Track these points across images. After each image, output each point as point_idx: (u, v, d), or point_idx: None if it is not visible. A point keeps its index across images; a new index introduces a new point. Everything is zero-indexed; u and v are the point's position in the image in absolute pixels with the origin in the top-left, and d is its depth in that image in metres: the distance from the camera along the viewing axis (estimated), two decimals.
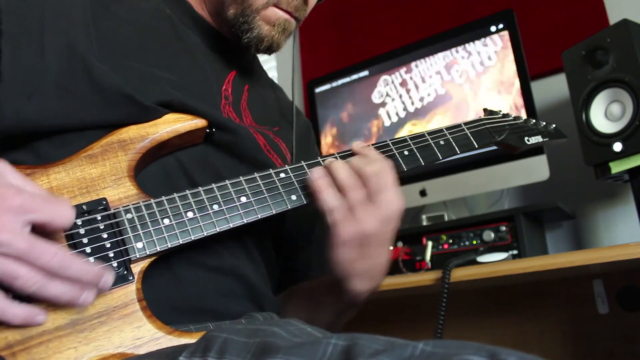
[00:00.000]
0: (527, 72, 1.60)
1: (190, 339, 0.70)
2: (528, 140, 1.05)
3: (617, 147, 1.30)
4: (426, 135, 0.97)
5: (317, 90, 2.00)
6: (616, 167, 1.31)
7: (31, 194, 0.63)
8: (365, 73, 1.90)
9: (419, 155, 0.94)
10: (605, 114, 1.36)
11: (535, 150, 1.53)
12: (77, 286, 0.64)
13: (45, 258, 0.61)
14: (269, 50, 0.99)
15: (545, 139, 1.08)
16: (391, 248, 0.86)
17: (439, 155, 0.95)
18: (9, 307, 0.62)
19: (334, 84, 1.96)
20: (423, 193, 1.69)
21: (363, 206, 0.80)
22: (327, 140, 1.94)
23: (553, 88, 1.79)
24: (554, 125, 1.13)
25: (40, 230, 0.63)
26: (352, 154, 0.89)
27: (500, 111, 1.10)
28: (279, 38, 0.98)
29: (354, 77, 1.92)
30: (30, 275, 0.60)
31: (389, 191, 0.82)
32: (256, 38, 0.95)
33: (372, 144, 0.92)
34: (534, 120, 1.11)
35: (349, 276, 0.84)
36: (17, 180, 0.65)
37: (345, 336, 0.58)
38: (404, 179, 1.72)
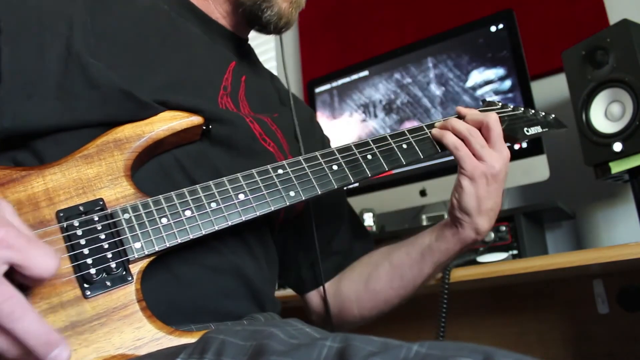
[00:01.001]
0: (527, 72, 1.60)
1: (191, 339, 0.70)
2: (527, 131, 1.05)
3: (617, 147, 1.29)
4: (425, 128, 0.97)
5: (317, 90, 2.00)
6: (616, 167, 1.31)
7: (18, 232, 0.57)
8: (365, 73, 1.90)
9: (417, 149, 0.94)
10: (605, 114, 1.35)
11: (535, 150, 1.53)
12: (21, 349, 0.55)
13: None
14: (286, 26, 1.03)
15: (545, 129, 1.08)
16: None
17: (438, 148, 0.97)
18: None
19: (334, 84, 1.96)
20: (423, 193, 1.69)
21: (486, 149, 0.93)
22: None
23: (553, 88, 1.79)
24: (553, 115, 1.13)
25: (22, 277, 0.57)
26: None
27: (499, 102, 1.09)
28: (294, 15, 1.04)
29: (354, 77, 1.92)
30: None
31: (502, 138, 0.95)
32: (276, 15, 1.00)
33: (372, 139, 0.94)
34: (533, 111, 1.11)
35: (476, 213, 0.94)
36: (13, 219, 0.60)
37: (340, 338, 0.58)
38: (404, 179, 1.73)
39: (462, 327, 1.66)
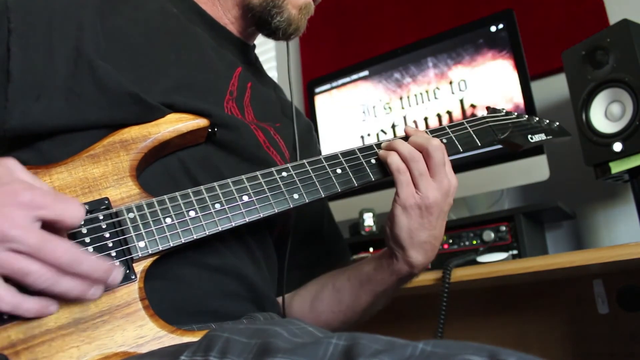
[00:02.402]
0: (527, 72, 1.60)
1: (192, 338, 0.70)
2: (531, 138, 1.04)
3: (617, 147, 1.30)
4: (429, 134, 0.97)
5: (317, 90, 2.00)
6: (616, 167, 1.31)
7: (42, 191, 0.63)
8: (365, 73, 1.90)
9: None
10: (605, 114, 1.36)
11: (536, 150, 1.53)
12: (87, 282, 0.64)
13: (56, 254, 0.61)
14: (295, 33, 1.04)
15: (548, 137, 1.07)
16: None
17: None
18: (22, 301, 0.62)
19: (334, 84, 1.96)
20: None
21: (425, 177, 0.87)
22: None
23: (553, 88, 1.79)
24: (557, 123, 1.12)
25: (50, 227, 0.63)
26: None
27: (503, 109, 1.09)
28: (304, 22, 1.04)
29: (354, 77, 1.92)
30: (42, 272, 0.60)
31: (447, 166, 0.89)
32: (286, 21, 1.00)
33: (376, 143, 0.94)
34: (537, 118, 1.10)
35: (408, 245, 0.89)
36: (27, 177, 0.66)
37: (346, 336, 0.58)
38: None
39: (462, 327, 1.67)
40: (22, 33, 0.78)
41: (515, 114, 1.09)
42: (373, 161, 0.91)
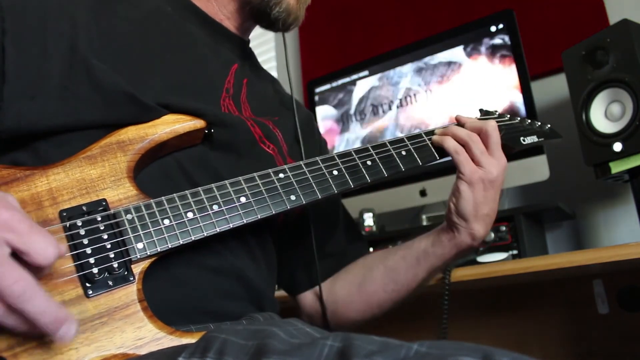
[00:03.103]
0: (527, 72, 1.60)
1: (191, 339, 0.70)
2: (524, 140, 1.06)
3: (617, 147, 1.29)
4: (423, 135, 0.98)
5: (317, 90, 2.00)
6: (616, 167, 1.31)
7: (22, 218, 0.58)
8: (365, 73, 1.90)
9: (416, 156, 0.95)
10: (605, 114, 1.36)
11: (535, 150, 1.53)
12: (34, 328, 0.57)
13: (7, 281, 0.54)
14: (294, 23, 1.04)
15: (540, 139, 1.09)
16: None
17: (436, 155, 0.98)
18: None
19: (334, 84, 1.96)
20: (423, 193, 1.69)
21: (486, 155, 0.95)
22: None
23: (553, 88, 1.79)
24: (548, 125, 1.14)
25: (22, 262, 0.58)
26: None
27: (495, 111, 1.10)
28: (302, 12, 1.05)
29: (354, 77, 1.92)
30: None
31: (500, 146, 0.96)
32: (285, 11, 1.01)
33: (371, 145, 0.95)
34: (529, 120, 1.12)
35: (473, 218, 0.95)
36: (16, 204, 0.62)
37: (341, 337, 0.58)
38: (403, 179, 1.73)
39: (462, 327, 1.66)
40: (17, 33, 0.78)
41: (508, 116, 1.11)
42: (369, 163, 0.92)
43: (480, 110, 1.11)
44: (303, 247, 1.07)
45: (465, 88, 1.70)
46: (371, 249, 1.60)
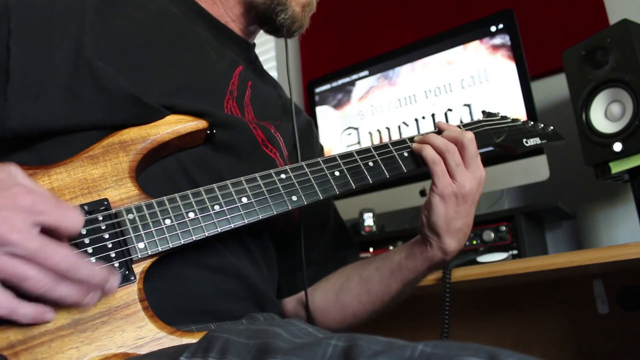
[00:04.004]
0: (527, 72, 1.60)
1: (192, 339, 0.70)
2: (526, 142, 1.06)
3: (617, 147, 1.30)
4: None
5: (317, 90, 2.00)
6: (616, 167, 1.31)
7: (42, 196, 0.63)
8: (365, 73, 1.90)
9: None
10: (605, 114, 1.36)
11: (535, 150, 1.52)
12: (84, 288, 0.64)
13: (54, 260, 0.60)
14: (299, 30, 1.05)
15: (543, 141, 1.09)
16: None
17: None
18: (18, 306, 0.61)
19: (334, 84, 1.96)
20: (423, 193, 1.69)
21: (460, 168, 0.92)
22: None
23: (553, 88, 1.79)
24: (551, 127, 1.13)
25: (49, 234, 0.62)
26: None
27: (498, 113, 1.10)
28: (307, 19, 1.05)
29: (354, 77, 1.92)
30: (39, 277, 0.60)
31: (478, 157, 0.94)
32: (290, 18, 1.01)
33: (373, 146, 0.94)
34: (532, 122, 1.12)
35: (444, 233, 0.93)
36: (27, 182, 0.65)
37: (345, 337, 0.58)
38: (403, 179, 1.73)
39: (462, 327, 1.66)
40: (22, 33, 0.78)
41: (511, 118, 1.10)
42: (371, 164, 0.92)
43: (483, 112, 1.10)
44: (289, 252, 1.06)
45: (465, 88, 1.70)
46: (371, 249, 1.61)
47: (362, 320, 1.05)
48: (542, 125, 1.13)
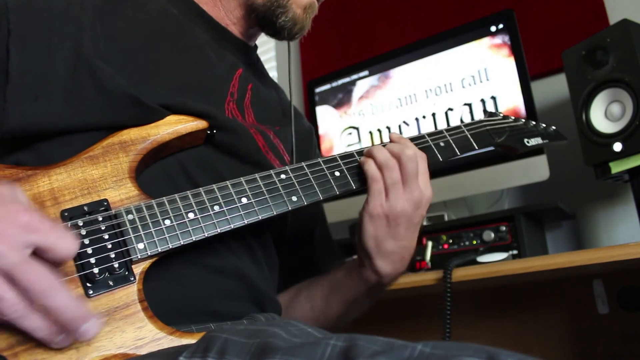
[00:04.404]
0: (527, 72, 1.60)
1: (191, 340, 0.70)
2: (528, 142, 1.05)
3: (617, 147, 1.30)
4: (426, 136, 0.98)
5: (317, 90, 2.00)
6: (616, 167, 1.31)
7: (40, 216, 0.61)
8: (365, 73, 1.90)
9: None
10: (605, 114, 1.36)
11: (535, 150, 1.52)
12: (57, 325, 0.60)
13: (32, 277, 0.57)
14: (300, 33, 1.03)
15: (544, 141, 1.08)
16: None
17: (439, 157, 0.96)
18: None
19: (334, 84, 1.96)
20: None
21: (396, 187, 0.86)
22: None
23: (553, 88, 1.79)
24: (553, 127, 1.13)
25: (41, 258, 0.60)
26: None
27: (500, 113, 1.10)
28: (308, 22, 1.04)
29: (354, 77, 1.92)
30: (13, 302, 0.57)
31: (421, 177, 0.88)
32: (291, 21, 1.00)
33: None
34: (533, 122, 1.11)
35: (375, 254, 0.88)
36: (29, 202, 0.65)
37: (345, 337, 0.58)
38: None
39: (462, 327, 1.66)
40: (21, 34, 0.78)
41: (512, 117, 1.10)
42: None
43: (485, 111, 1.10)
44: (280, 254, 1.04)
45: (466, 88, 1.70)
46: None
47: None
48: (543, 125, 1.12)
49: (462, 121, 1.12)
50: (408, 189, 0.86)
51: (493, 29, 1.67)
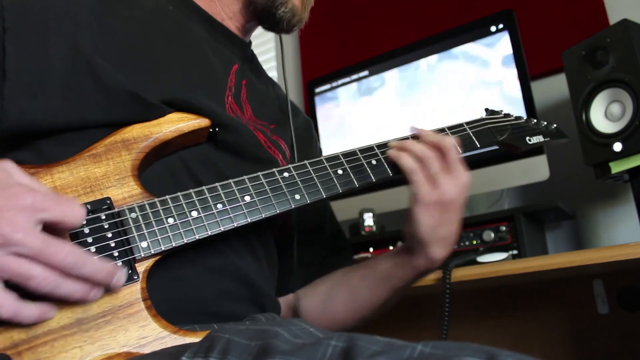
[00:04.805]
0: (527, 72, 1.60)
1: (194, 338, 0.70)
2: (530, 140, 1.05)
3: (617, 147, 1.30)
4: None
5: (317, 90, 2.00)
6: (616, 167, 1.31)
7: (42, 193, 0.63)
8: (365, 73, 1.90)
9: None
10: (605, 114, 1.36)
11: (535, 150, 1.53)
12: (89, 284, 0.64)
13: (59, 257, 0.60)
14: (298, 24, 1.04)
15: (546, 139, 1.08)
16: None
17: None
18: (22, 308, 0.61)
19: (334, 83, 1.96)
20: None
21: (442, 175, 0.89)
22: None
23: (553, 88, 1.79)
24: (555, 125, 1.13)
25: (51, 230, 0.62)
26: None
27: (501, 111, 1.10)
28: (306, 13, 1.04)
29: (354, 77, 1.92)
30: (44, 276, 0.60)
31: (461, 163, 0.91)
32: (290, 11, 1.00)
33: (376, 144, 0.93)
34: (535, 120, 1.11)
35: (430, 242, 0.91)
36: (26, 180, 0.65)
37: (345, 337, 0.58)
38: (403, 179, 1.73)
39: (461, 327, 1.67)
40: (18, 31, 0.78)
41: (514, 115, 1.10)
42: (374, 162, 0.92)
43: (486, 109, 1.10)
44: (282, 255, 1.05)
45: (465, 88, 1.70)
46: (371, 249, 1.61)
47: (351, 326, 1.03)
48: (545, 123, 1.12)
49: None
50: (454, 175, 0.90)
51: (493, 29, 1.67)
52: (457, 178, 0.90)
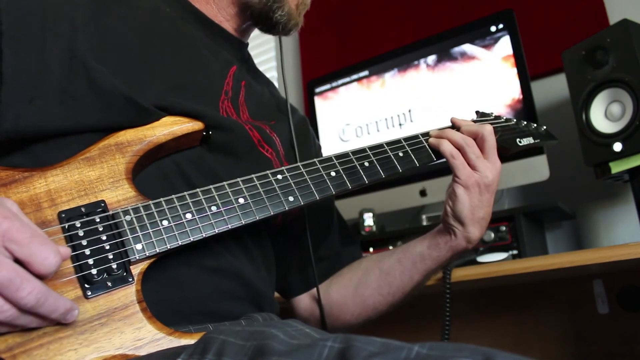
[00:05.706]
0: (527, 72, 1.60)
1: (190, 340, 0.70)
2: (520, 142, 1.07)
3: (617, 147, 1.29)
4: (420, 136, 0.99)
5: (317, 90, 2.00)
6: (616, 167, 1.31)
7: (22, 225, 0.61)
8: (365, 73, 1.90)
9: (413, 157, 0.96)
10: (605, 114, 1.35)
11: (535, 150, 1.53)
12: (44, 320, 0.63)
13: (20, 294, 0.58)
14: (294, 28, 1.05)
15: (536, 141, 1.10)
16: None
17: (433, 157, 0.99)
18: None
19: (334, 84, 1.96)
20: (423, 193, 1.69)
21: (481, 160, 0.96)
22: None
23: (553, 88, 1.79)
24: (544, 127, 1.14)
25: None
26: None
27: (492, 113, 1.11)
28: (301, 17, 1.06)
29: (354, 77, 1.92)
30: (5, 308, 0.59)
31: (495, 150, 0.98)
32: (287, 15, 1.02)
33: (369, 146, 0.93)
34: (525, 122, 1.13)
35: (469, 222, 0.97)
36: (14, 209, 0.64)
37: (341, 338, 0.58)
38: (403, 179, 1.73)
39: (461, 327, 1.66)
40: (14, 35, 0.77)
41: (504, 117, 1.11)
42: (366, 164, 0.92)
43: (477, 112, 1.11)
44: (297, 250, 1.07)
45: (465, 88, 1.70)
46: (371, 249, 1.61)
47: (382, 312, 1.08)
48: (534, 125, 1.14)
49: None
50: (491, 160, 0.97)
51: (493, 29, 1.67)
52: (494, 163, 0.97)
